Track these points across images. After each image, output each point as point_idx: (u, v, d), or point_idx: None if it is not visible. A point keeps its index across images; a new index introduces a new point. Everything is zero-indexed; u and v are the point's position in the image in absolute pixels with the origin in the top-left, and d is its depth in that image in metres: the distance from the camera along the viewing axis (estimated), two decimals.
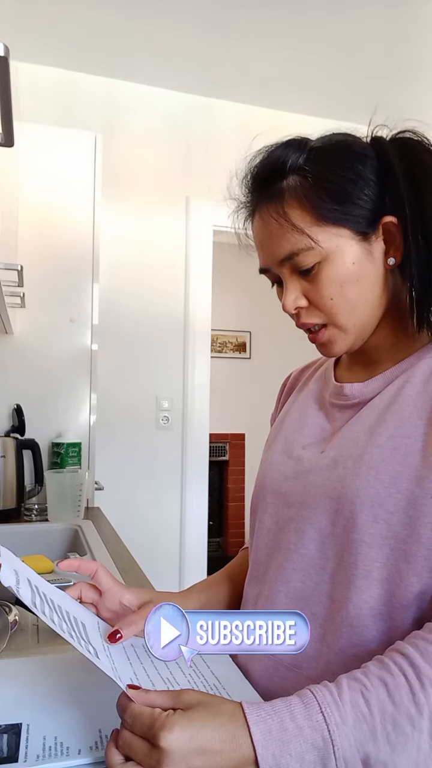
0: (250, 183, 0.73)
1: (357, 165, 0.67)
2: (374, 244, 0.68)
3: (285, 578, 0.68)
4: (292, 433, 0.79)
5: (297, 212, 0.67)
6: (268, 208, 0.69)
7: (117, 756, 0.51)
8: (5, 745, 0.56)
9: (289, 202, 0.67)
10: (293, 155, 0.68)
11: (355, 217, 0.66)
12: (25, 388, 1.97)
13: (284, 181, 0.68)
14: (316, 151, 0.69)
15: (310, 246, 0.66)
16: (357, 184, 0.66)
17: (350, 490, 0.63)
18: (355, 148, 0.69)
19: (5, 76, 0.78)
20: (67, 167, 2.04)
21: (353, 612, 0.61)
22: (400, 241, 0.67)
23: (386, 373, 0.70)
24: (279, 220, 0.67)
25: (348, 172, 0.66)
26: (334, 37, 2.13)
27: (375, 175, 0.67)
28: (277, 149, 0.70)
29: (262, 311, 4.59)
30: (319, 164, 0.67)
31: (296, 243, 0.67)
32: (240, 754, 0.48)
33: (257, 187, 0.72)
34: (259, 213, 0.71)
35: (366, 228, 0.67)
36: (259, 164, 0.72)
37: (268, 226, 0.69)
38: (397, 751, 0.49)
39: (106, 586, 0.75)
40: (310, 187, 0.66)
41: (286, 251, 0.68)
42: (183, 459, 2.47)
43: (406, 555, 0.59)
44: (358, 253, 0.67)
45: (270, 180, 0.69)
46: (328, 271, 0.67)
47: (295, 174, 0.68)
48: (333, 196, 0.66)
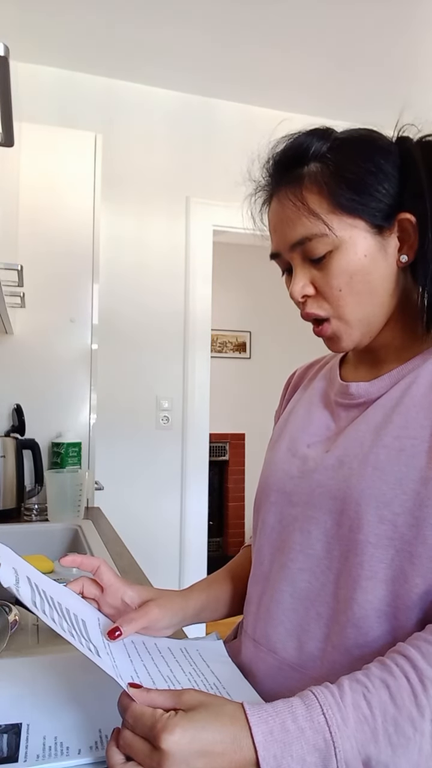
0: (272, 167, 0.73)
1: (378, 158, 0.67)
2: (388, 240, 0.68)
3: (290, 578, 0.68)
4: (296, 431, 0.78)
5: (315, 197, 0.67)
6: (287, 191, 0.69)
7: (118, 756, 0.51)
8: (5, 745, 0.56)
9: (307, 186, 0.67)
10: (317, 143, 0.68)
11: (371, 209, 0.66)
12: (25, 388, 1.97)
13: (305, 167, 0.68)
14: (339, 141, 0.69)
15: (324, 232, 0.66)
16: (377, 176, 0.66)
17: (356, 491, 0.62)
18: (379, 142, 0.69)
19: (5, 76, 0.78)
20: (67, 167, 2.04)
21: (358, 612, 0.61)
22: (415, 240, 0.67)
23: (392, 373, 0.70)
24: (296, 203, 0.67)
25: (368, 164, 0.66)
26: (334, 37, 2.13)
27: (396, 171, 0.67)
28: (301, 136, 0.70)
29: (263, 311, 4.60)
30: (340, 153, 0.68)
31: (311, 228, 0.67)
32: (241, 755, 0.48)
33: (278, 171, 0.72)
34: (277, 196, 0.71)
35: (382, 222, 0.67)
36: (282, 149, 0.72)
37: (284, 209, 0.69)
38: (399, 753, 0.49)
39: (108, 582, 0.75)
40: (330, 175, 0.66)
41: (300, 235, 0.68)
42: (183, 459, 2.47)
43: (411, 556, 0.58)
44: (371, 246, 0.67)
45: (291, 165, 0.70)
46: (340, 260, 0.67)
47: (316, 161, 0.68)
48: (351, 185, 0.66)
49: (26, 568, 0.67)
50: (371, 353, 0.74)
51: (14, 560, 0.66)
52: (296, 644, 0.66)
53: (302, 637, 0.66)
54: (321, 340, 0.74)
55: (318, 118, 2.51)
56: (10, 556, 0.67)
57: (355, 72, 2.34)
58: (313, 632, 0.65)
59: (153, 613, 0.73)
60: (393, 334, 0.72)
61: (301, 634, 0.66)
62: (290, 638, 0.67)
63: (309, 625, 0.65)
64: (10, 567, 0.63)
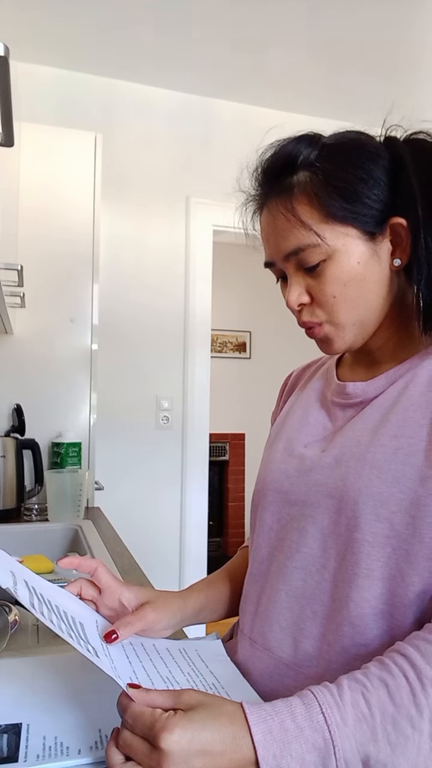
0: (260, 176, 0.73)
1: (368, 164, 0.67)
2: (381, 245, 0.68)
3: (286, 576, 0.68)
4: (293, 431, 0.79)
5: (305, 208, 0.67)
6: (277, 203, 0.69)
7: (117, 756, 0.51)
8: (5, 745, 0.56)
9: (298, 197, 0.67)
10: (305, 151, 0.68)
11: (363, 216, 0.66)
12: (25, 388, 1.97)
13: (294, 176, 0.68)
14: (328, 148, 0.68)
15: (316, 243, 0.66)
16: (367, 183, 0.66)
17: (353, 490, 0.63)
18: (368, 147, 0.68)
19: (5, 76, 0.78)
20: (67, 167, 2.04)
21: (354, 611, 0.61)
22: (407, 243, 0.67)
23: (389, 372, 0.70)
24: (287, 215, 0.67)
25: (359, 171, 0.66)
26: (334, 37, 2.13)
27: (386, 176, 0.67)
28: (288, 144, 0.70)
29: (263, 311, 4.60)
30: (330, 161, 0.67)
31: (303, 239, 0.67)
32: (241, 755, 0.48)
33: (267, 181, 0.72)
34: (267, 207, 0.71)
35: (374, 228, 0.67)
36: (270, 158, 0.71)
37: (276, 220, 0.69)
38: (398, 752, 0.49)
39: (105, 583, 0.75)
40: (320, 184, 0.66)
41: (293, 246, 0.68)
42: (183, 459, 2.47)
43: (408, 554, 0.58)
44: (364, 252, 0.67)
45: (280, 174, 0.69)
46: (333, 269, 0.67)
47: (305, 170, 0.68)
48: (342, 194, 0.66)
49: (23, 572, 0.66)
50: (368, 354, 0.74)
51: (11, 564, 0.66)
52: (292, 643, 0.66)
53: (297, 636, 0.66)
54: None
55: (318, 118, 2.52)
56: (7, 560, 0.67)
57: (355, 72, 2.34)
58: (309, 631, 0.65)
59: (149, 617, 0.73)
60: (389, 335, 0.72)
61: (297, 633, 0.66)
62: (286, 637, 0.67)
63: (304, 624, 0.65)
64: (7, 571, 0.63)
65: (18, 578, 0.63)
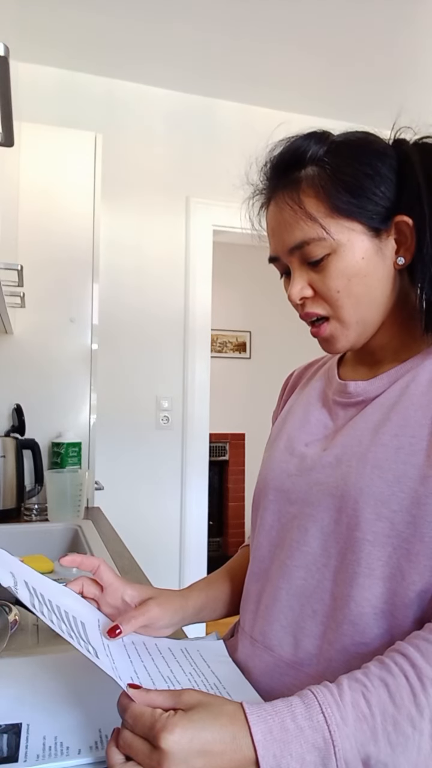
0: (269, 171, 0.73)
1: (375, 161, 0.67)
2: (385, 242, 0.68)
3: (287, 575, 0.68)
4: (294, 430, 0.79)
5: (312, 201, 0.67)
6: (284, 195, 0.69)
7: (118, 756, 0.51)
8: (5, 745, 0.56)
9: (305, 190, 0.68)
10: (314, 146, 0.69)
11: (368, 212, 0.67)
12: (25, 388, 1.97)
13: (303, 170, 0.69)
14: (336, 144, 0.69)
15: (321, 236, 0.67)
16: (374, 179, 0.67)
17: (354, 489, 0.63)
18: (376, 145, 0.69)
19: (5, 76, 0.78)
20: (67, 167, 2.04)
21: (355, 610, 0.61)
22: (412, 242, 0.67)
23: (391, 372, 0.70)
24: (294, 207, 0.68)
25: (365, 167, 0.67)
26: (334, 36, 2.13)
27: (393, 174, 0.68)
28: (298, 140, 0.71)
29: (262, 311, 4.60)
30: (337, 157, 0.68)
31: (308, 232, 0.67)
32: (241, 755, 0.48)
33: (275, 175, 0.72)
34: (274, 200, 0.72)
35: (379, 224, 0.67)
36: (280, 153, 0.72)
37: (282, 213, 0.70)
38: (398, 752, 0.49)
39: (107, 581, 0.75)
40: (327, 178, 0.67)
41: (298, 239, 0.68)
42: (183, 459, 2.47)
43: (409, 553, 0.59)
44: (368, 248, 0.67)
45: (288, 169, 0.70)
46: (338, 263, 0.67)
47: (313, 164, 0.68)
48: (349, 188, 0.66)
49: (24, 572, 0.66)
50: (370, 353, 0.75)
51: (11, 564, 0.66)
52: (292, 641, 0.66)
53: (298, 635, 0.66)
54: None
55: (318, 118, 2.52)
56: (7, 559, 0.67)
57: (355, 72, 2.34)
58: (309, 629, 0.65)
59: (153, 612, 0.73)
60: (391, 334, 0.72)
61: (297, 632, 0.66)
62: (286, 635, 0.67)
63: (304, 623, 0.65)
64: (8, 571, 0.63)
65: (18, 579, 0.63)
